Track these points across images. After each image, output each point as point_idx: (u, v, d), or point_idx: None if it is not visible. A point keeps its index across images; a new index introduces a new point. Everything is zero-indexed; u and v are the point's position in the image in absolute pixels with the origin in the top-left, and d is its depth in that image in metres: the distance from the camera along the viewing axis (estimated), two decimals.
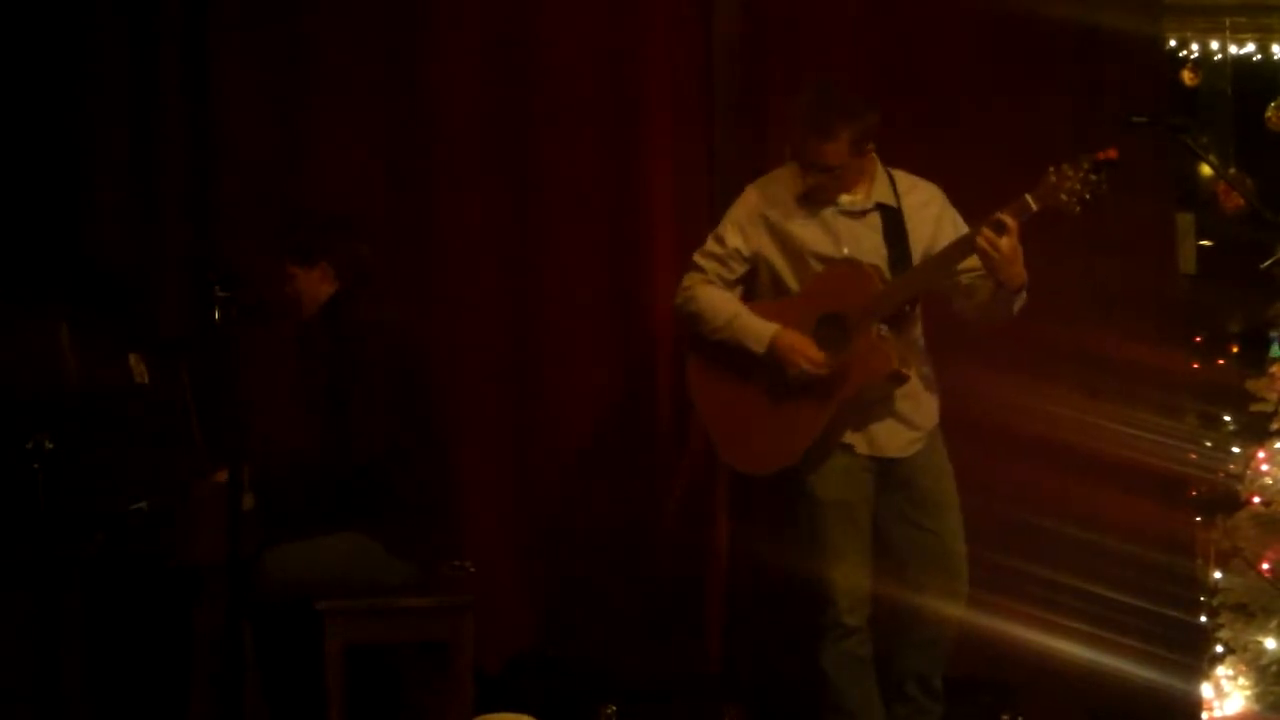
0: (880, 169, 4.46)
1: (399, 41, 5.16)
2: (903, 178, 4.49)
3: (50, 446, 4.03)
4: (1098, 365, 5.13)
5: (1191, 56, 6.12)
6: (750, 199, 4.53)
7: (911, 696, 4.51)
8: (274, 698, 4.44)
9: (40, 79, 4.97)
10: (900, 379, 4.35)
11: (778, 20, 5.20)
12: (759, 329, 4.40)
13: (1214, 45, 6.14)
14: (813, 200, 4.43)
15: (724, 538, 5.17)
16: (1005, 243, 4.16)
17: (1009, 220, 4.16)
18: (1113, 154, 4.15)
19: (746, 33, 5.23)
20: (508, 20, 5.18)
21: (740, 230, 4.49)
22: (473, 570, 4.59)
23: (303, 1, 5.14)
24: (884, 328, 4.34)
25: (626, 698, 4.95)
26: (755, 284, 4.53)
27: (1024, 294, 4.29)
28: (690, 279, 4.54)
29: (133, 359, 4.32)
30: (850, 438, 4.41)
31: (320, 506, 4.38)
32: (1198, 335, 5.78)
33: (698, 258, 4.54)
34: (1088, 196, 4.15)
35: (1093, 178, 4.14)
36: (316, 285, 4.52)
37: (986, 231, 4.17)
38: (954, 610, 4.49)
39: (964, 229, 4.37)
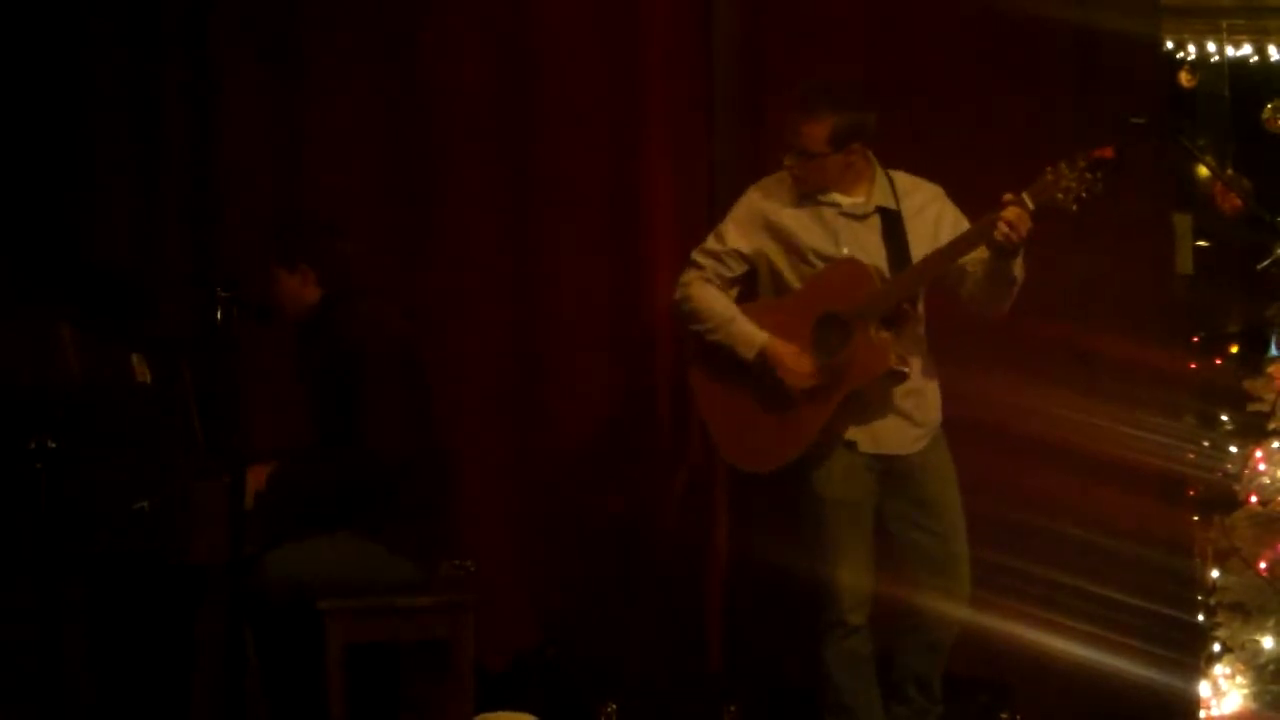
0: (880, 172, 4.47)
1: (399, 42, 5.16)
2: (902, 179, 4.50)
3: (52, 446, 4.03)
4: (1095, 365, 5.14)
5: (1189, 58, 6.13)
6: (751, 199, 4.54)
7: (911, 698, 4.53)
8: (275, 697, 4.44)
9: (44, 80, 4.97)
10: (899, 377, 4.35)
11: (778, 20, 5.20)
12: (750, 335, 4.41)
13: (1211, 47, 6.16)
14: (800, 194, 4.43)
15: (724, 538, 5.18)
16: (1013, 213, 4.14)
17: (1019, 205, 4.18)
18: (1109, 153, 4.17)
19: (746, 33, 5.24)
20: (508, 22, 5.19)
21: (741, 229, 4.50)
22: (474, 569, 4.59)
23: (303, 3, 5.15)
24: (883, 328, 4.34)
25: (626, 697, 4.96)
26: (756, 283, 4.55)
27: (1022, 264, 4.29)
28: (688, 276, 4.55)
29: (135, 359, 4.32)
30: (854, 434, 4.41)
31: (327, 508, 4.39)
32: (1195, 335, 5.79)
33: (696, 255, 4.55)
34: (1084, 194, 4.17)
35: (1088, 176, 4.16)
36: (299, 288, 4.49)
37: (1006, 213, 4.15)
38: (955, 612, 4.50)
39: (965, 225, 4.38)
